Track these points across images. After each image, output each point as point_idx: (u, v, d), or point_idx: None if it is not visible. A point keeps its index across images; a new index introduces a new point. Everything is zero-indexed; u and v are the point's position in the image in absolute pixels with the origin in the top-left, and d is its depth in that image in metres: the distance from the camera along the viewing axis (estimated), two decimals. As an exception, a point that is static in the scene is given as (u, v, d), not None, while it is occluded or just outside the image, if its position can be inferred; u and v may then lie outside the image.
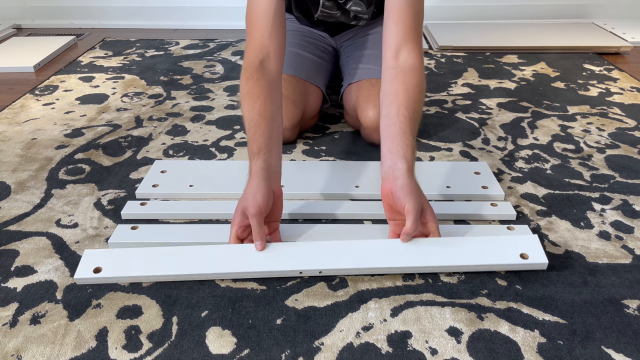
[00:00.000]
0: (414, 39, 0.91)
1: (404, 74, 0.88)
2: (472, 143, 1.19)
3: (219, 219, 0.93)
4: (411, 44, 0.90)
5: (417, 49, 0.91)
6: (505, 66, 1.70)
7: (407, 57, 0.89)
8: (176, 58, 1.80)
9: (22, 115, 1.36)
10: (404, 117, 0.84)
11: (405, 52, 0.90)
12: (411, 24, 0.90)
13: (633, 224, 0.91)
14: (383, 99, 0.88)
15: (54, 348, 0.67)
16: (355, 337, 0.69)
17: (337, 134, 1.25)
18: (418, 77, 0.88)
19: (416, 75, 0.88)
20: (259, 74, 0.90)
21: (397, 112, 0.84)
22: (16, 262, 0.82)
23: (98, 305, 0.74)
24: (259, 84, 0.89)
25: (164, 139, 1.22)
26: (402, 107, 0.85)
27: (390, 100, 0.86)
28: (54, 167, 1.10)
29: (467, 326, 0.70)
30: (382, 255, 0.79)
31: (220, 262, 0.78)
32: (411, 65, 0.89)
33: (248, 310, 0.73)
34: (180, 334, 0.69)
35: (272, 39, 0.92)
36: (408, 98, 0.86)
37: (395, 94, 0.86)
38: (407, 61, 0.89)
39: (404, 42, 0.90)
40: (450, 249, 0.80)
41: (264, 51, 0.92)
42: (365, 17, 1.21)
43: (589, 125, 1.28)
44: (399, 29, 0.90)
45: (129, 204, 0.94)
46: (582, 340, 0.68)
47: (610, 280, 0.78)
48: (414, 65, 0.89)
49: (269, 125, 0.85)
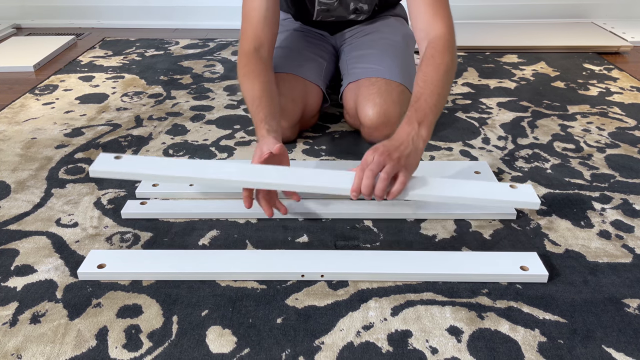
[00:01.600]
0: (440, 14, 0.98)
1: (431, 47, 0.95)
2: (472, 142, 1.19)
3: (219, 218, 0.92)
4: (436, 19, 0.98)
5: (443, 22, 0.98)
6: (505, 66, 1.70)
7: (433, 32, 0.97)
8: (176, 57, 1.80)
9: (22, 114, 1.36)
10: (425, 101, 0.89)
11: (432, 28, 0.97)
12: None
13: (633, 223, 0.91)
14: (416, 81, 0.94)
15: (54, 347, 0.67)
16: (356, 336, 0.68)
17: (337, 133, 1.25)
18: (442, 45, 0.95)
19: (439, 45, 0.95)
20: (256, 59, 1.00)
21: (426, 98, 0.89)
22: (16, 262, 0.82)
23: (98, 305, 0.73)
24: (257, 66, 0.99)
25: (164, 138, 1.22)
26: (425, 66, 0.93)
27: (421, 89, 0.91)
28: (53, 167, 1.10)
29: (468, 325, 0.70)
30: (385, 262, 0.79)
31: (222, 263, 0.79)
32: (436, 37, 0.96)
33: (248, 310, 0.73)
34: (180, 333, 0.69)
35: (265, 30, 1.03)
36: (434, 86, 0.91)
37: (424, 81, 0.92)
38: (434, 34, 0.97)
39: (430, 21, 0.98)
40: (453, 259, 0.80)
41: (258, 40, 1.02)
42: (365, 8, 1.21)
43: (589, 124, 1.28)
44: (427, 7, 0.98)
45: (129, 204, 0.94)
46: (582, 340, 0.68)
47: (610, 280, 0.78)
48: (438, 36, 0.96)
49: (269, 100, 0.95)
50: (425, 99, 0.89)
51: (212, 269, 0.78)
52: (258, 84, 0.97)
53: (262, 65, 1.00)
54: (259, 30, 1.02)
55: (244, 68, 1.00)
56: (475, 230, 0.89)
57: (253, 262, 0.80)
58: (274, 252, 0.82)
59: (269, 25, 1.03)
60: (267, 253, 0.82)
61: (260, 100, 0.95)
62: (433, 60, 0.93)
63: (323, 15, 1.22)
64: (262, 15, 1.02)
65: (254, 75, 0.98)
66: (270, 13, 1.03)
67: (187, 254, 0.82)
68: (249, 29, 1.03)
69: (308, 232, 0.89)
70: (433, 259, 0.80)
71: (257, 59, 1.01)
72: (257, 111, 0.94)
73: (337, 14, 1.22)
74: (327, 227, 0.90)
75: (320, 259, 0.80)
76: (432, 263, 0.79)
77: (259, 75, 0.98)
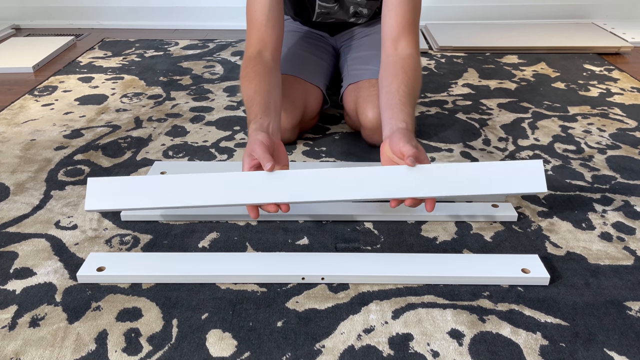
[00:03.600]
0: (411, 32, 0.99)
1: (402, 60, 0.97)
2: (472, 144, 1.19)
3: (219, 220, 0.92)
4: (409, 36, 0.99)
5: (414, 41, 1.00)
6: (506, 66, 1.70)
7: (404, 48, 0.98)
8: (175, 58, 1.80)
9: (21, 116, 1.35)
10: (404, 92, 0.91)
11: (404, 44, 0.98)
12: (409, 18, 0.99)
13: (635, 225, 0.91)
14: (382, 79, 0.96)
15: (53, 351, 0.66)
16: (357, 339, 0.68)
17: (337, 134, 1.24)
18: (415, 63, 0.97)
19: (413, 62, 0.97)
20: (256, 61, 1.00)
21: (397, 88, 0.91)
22: (15, 264, 0.82)
23: (98, 308, 0.73)
24: (255, 69, 0.98)
25: (163, 139, 1.22)
26: (402, 84, 0.92)
27: (390, 80, 0.94)
28: (53, 168, 1.09)
29: (469, 328, 0.70)
30: (385, 265, 0.79)
31: (222, 266, 0.79)
32: (409, 54, 0.98)
33: (248, 313, 0.72)
34: (180, 337, 0.69)
35: (269, 33, 1.02)
36: (407, 78, 0.93)
37: (395, 75, 0.94)
38: (405, 51, 0.98)
39: (402, 35, 0.99)
40: (454, 262, 0.80)
41: (262, 44, 1.02)
42: (365, 12, 1.21)
43: (590, 125, 1.28)
44: (398, 22, 0.98)
45: None
46: (584, 343, 0.67)
47: (612, 282, 0.78)
48: (412, 54, 0.98)
49: (263, 98, 0.93)
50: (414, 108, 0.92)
51: (212, 272, 0.78)
52: (253, 85, 0.96)
53: (261, 67, 0.99)
54: (262, 32, 1.02)
55: (243, 72, 1.00)
56: (476, 232, 0.89)
57: (253, 264, 0.79)
58: (274, 255, 0.82)
59: (272, 27, 1.03)
60: (267, 256, 0.82)
61: (252, 102, 0.93)
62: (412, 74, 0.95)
63: (323, 17, 1.22)
64: (265, 17, 1.02)
65: (250, 78, 0.97)
66: (273, 15, 1.03)
67: (186, 257, 0.81)
68: (253, 34, 1.03)
69: (308, 234, 0.88)
70: (434, 262, 0.79)
71: (258, 61, 1.00)
72: (249, 111, 0.92)
73: (337, 17, 1.22)
74: (327, 230, 0.90)
75: (320, 261, 0.80)
76: (433, 266, 0.79)
77: (254, 78, 0.97)
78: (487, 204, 0.94)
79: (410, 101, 0.90)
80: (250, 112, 0.91)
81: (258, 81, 0.96)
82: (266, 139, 0.82)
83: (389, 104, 0.90)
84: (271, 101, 0.93)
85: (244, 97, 0.97)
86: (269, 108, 0.91)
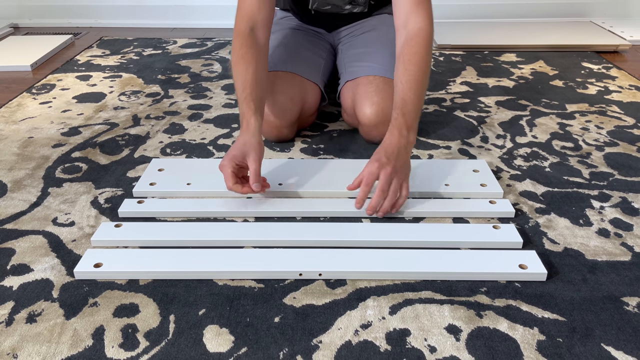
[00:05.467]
0: (422, 5, 0.99)
1: (411, 39, 0.97)
2: (470, 141, 1.19)
3: (217, 217, 0.92)
4: (419, 9, 0.99)
5: (425, 13, 0.99)
6: (504, 64, 1.70)
7: (414, 22, 0.98)
8: (174, 57, 1.80)
9: (19, 113, 1.35)
10: (407, 81, 0.93)
11: (413, 18, 0.99)
12: None
13: (632, 221, 0.91)
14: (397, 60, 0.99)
15: (50, 347, 0.66)
16: (354, 335, 0.68)
17: (335, 132, 1.24)
18: (425, 38, 0.98)
19: (423, 37, 0.97)
20: (251, 42, 1.00)
21: (400, 79, 0.94)
22: (12, 261, 0.82)
23: (94, 304, 0.73)
24: (251, 51, 0.99)
25: (161, 137, 1.22)
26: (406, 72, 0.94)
27: (402, 73, 0.95)
28: (50, 166, 1.09)
29: (466, 324, 0.70)
30: (383, 260, 0.79)
31: (220, 262, 0.79)
32: (418, 28, 0.98)
33: (246, 309, 0.72)
34: (177, 333, 0.68)
35: (261, 11, 1.02)
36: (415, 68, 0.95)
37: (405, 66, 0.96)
38: (415, 26, 0.98)
39: (413, 9, 0.99)
40: (451, 257, 0.80)
41: (253, 21, 1.02)
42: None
43: (588, 123, 1.28)
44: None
45: (126, 202, 0.94)
46: (581, 338, 0.67)
47: (609, 278, 0.78)
48: (421, 28, 0.98)
49: (260, 89, 0.96)
50: (412, 102, 0.93)
51: (209, 268, 0.78)
52: (251, 71, 0.97)
53: (256, 50, 1.00)
54: (254, 9, 1.02)
55: (239, 51, 0.99)
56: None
57: (250, 260, 0.79)
58: (271, 251, 0.82)
59: (264, 5, 1.03)
60: (264, 252, 0.82)
61: (251, 89, 0.95)
62: (416, 57, 0.96)
63: (319, 3, 1.21)
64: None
65: (247, 62, 0.98)
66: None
67: (184, 253, 0.81)
68: (244, 8, 1.03)
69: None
70: (431, 258, 0.79)
71: (252, 41, 1.00)
72: (247, 99, 0.94)
73: (333, 1, 1.21)
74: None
75: (318, 257, 0.80)
76: (430, 261, 0.79)
77: (252, 63, 0.97)
78: (484, 200, 0.94)
79: (413, 87, 0.93)
80: (249, 101, 0.94)
81: (254, 67, 0.98)
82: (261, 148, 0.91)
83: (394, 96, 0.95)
84: (264, 95, 0.99)
85: (238, 78, 0.97)
86: (262, 103, 0.97)
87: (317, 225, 0.88)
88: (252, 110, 0.93)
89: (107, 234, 0.86)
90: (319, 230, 0.86)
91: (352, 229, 0.87)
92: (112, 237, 0.85)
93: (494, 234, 0.85)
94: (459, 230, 0.86)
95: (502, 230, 0.86)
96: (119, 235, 0.85)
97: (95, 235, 0.85)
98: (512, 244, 0.83)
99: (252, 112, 0.93)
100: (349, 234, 0.85)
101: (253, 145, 0.90)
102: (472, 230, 0.86)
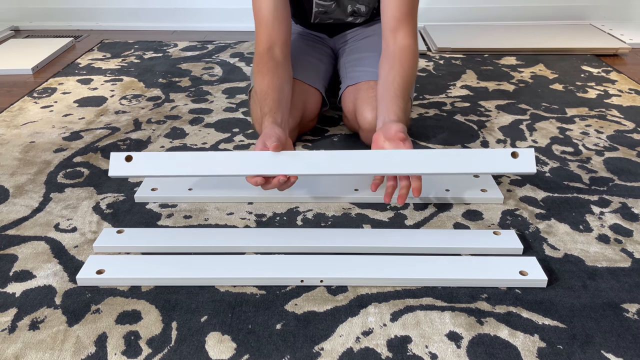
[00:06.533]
0: (409, 23, 1.04)
1: (400, 51, 1.03)
2: (471, 145, 1.19)
3: (218, 223, 0.92)
4: (407, 27, 1.04)
5: (412, 31, 1.05)
6: (504, 68, 1.70)
7: (402, 39, 1.04)
8: (174, 60, 1.80)
9: (20, 118, 1.35)
10: (398, 85, 0.97)
11: (402, 34, 1.04)
12: (407, 10, 1.04)
13: (632, 227, 0.91)
14: (381, 69, 1.03)
15: (53, 354, 0.67)
16: (355, 342, 0.68)
17: (336, 136, 1.24)
18: (412, 53, 1.03)
19: (410, 52, 1.03)
20: (267, 57, 1.05)
21: (392, 80, 0.98)
22: (15, 267, 0.82)
23: (97, 311, 0.73)
24: (267, 65, 1.03)
25: (162, 141, 1.22)
26: (397, 75, 0.99)
27: (387, 71, 1.00)
28: (52, 171, 1.10)
29: (467, 331, 0.70)
30: (384, 267, 0.79)
31: (222, 268, 0.79)
32: (407, 44, 1.03)
33: (248, 315, 0.73)
34: (179, 340, 0.69)
35: (277, 29, 1.06)
36: (403, 70, 1.00)
37: (391, 66, 1.00)
38: (403, 41, 1.03)
39: (400, 26, 1.04)
40: (452, 264, 0.80)
41: (271, 41, 1.06)
42: (363, 9, 1.21)
43: (588, 127, 1.28)
44: (396, 14, 1.03)
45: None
46: (581, 345, 0.68)
47: (609, 284, 0.78)
48: (409, 44, 1.03)
49: (276, 93, 0.99)
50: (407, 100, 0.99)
51: (211, 274, 0.78)
52: (267, 79, 1.01)
53: (273, 63, 1.04)
54: (270, 29, 1.06)
55: (256, 67, 1.05)
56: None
57: (252, 267, 0.79)
58: (273, 257, 0.82)
59: (280, 23, 1.06)
60: (266, 258, 0.82)
61: (266, 96, 0.98)
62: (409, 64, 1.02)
63: (321, 17, 1.22)
64: (271, 14, 1.05)
65: (263, 73, 1.02)
66: (279, 12, 1.06)
67: (185, 259, 0.81)
68: (261, 31, 1.07)
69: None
70: (432, 264, 0.80)
71: (269, 57, 1.05)
72: (263, 104, 0.98)
73: (334, 16, 1.22)
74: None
75: (319, 264, 0.80)
76: (431, 268, 0.79)
77: (267, 73, 1.02)
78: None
79: (404, 93, 0.98)
80: (265, 106, 0.97)
81: (270, 77, 1.01)
82: (281, 135, 0.88)
83: (384, 96, 0.97)
84: (283, 97, 1.00)
85: (257, 91, 1.02)
86: (281, 103, 0.98)
87: (319, 232, 0.88)
88: (265, 112, 0.95)
89: (109, 240, 0.86)
90: (320, 236, 0.87)
91: (354, 235, 0.87)
92: (114, 243, 0.85)
93: (494, 240, 0.85)
94: (460, 236, 0.87)
95: (503, 236, 0.86)
96: (121, 241, 0.86)
97: (98, 242, 0.85)
98: (512, 250, 0.84)
99: (266, 113, 0.95)
100: (350, 240, 0.86)
101: (267, 133, 0.89)
102: (472, 236, 0.87)
